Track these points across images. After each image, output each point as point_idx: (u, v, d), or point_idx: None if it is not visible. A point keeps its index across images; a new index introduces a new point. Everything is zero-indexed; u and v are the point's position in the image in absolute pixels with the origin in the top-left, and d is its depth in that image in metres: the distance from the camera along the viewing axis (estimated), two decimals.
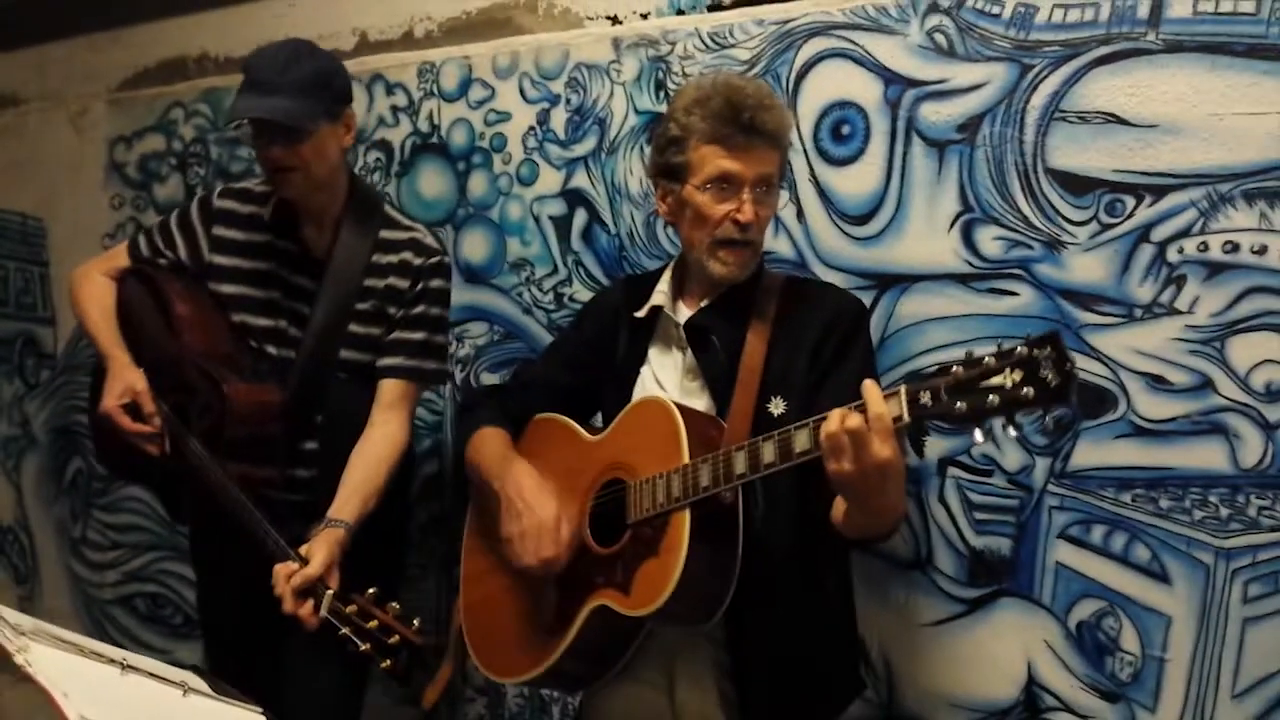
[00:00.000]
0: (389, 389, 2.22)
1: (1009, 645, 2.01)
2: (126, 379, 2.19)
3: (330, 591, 1.93)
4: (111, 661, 1.42)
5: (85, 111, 3.62)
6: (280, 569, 1.95)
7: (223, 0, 3.28)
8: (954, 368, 1.41)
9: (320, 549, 1.98)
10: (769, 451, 1.62)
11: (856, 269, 2.14)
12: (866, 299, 2.04)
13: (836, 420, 1.49)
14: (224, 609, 2.40)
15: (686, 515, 1.71)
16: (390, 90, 2.84)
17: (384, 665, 1.88)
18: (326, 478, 2.15)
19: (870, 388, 1.49)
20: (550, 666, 1.89)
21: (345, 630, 1.89)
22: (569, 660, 1.88)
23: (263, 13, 3.19)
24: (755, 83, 1.88)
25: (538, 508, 1.86)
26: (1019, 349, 1.36)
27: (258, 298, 2.26)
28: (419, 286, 2.23)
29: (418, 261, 2.23)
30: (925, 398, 1.43)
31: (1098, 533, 1.92)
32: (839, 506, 1.68)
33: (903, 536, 2.09)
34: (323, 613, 1.91)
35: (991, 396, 1.36)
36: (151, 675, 1.45)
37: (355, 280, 2.21)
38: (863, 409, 1.48)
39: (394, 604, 1.92)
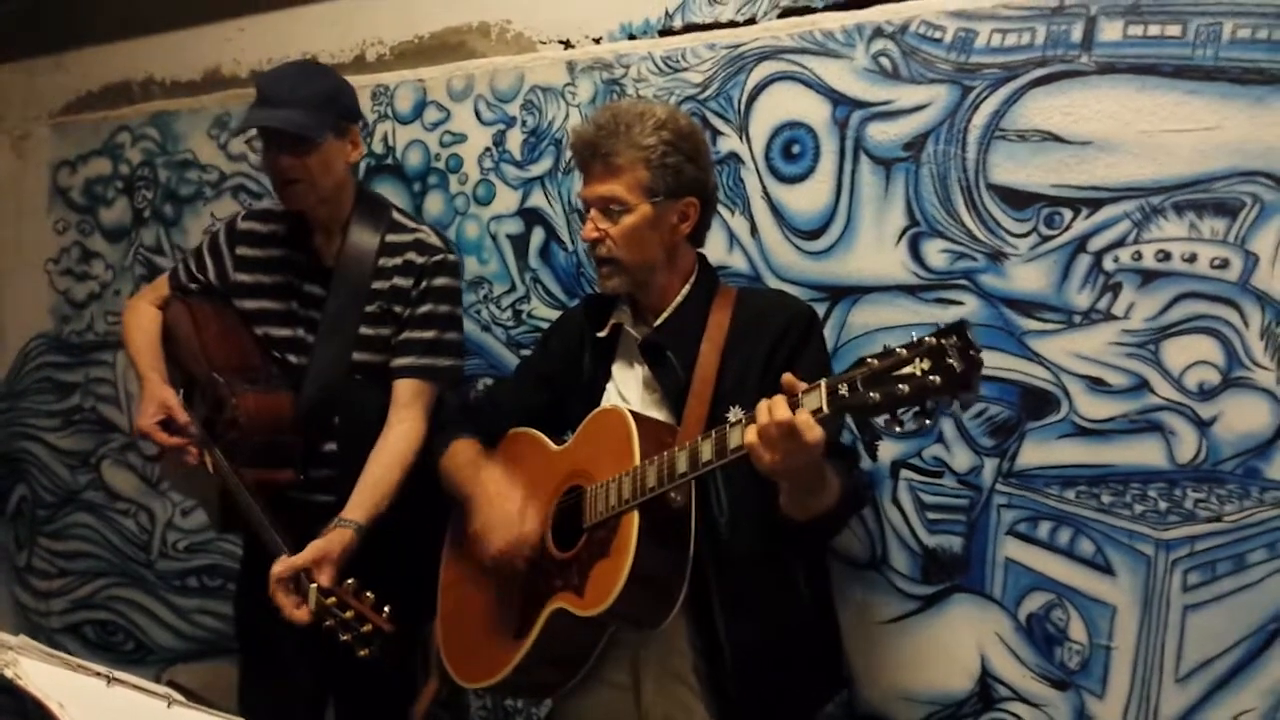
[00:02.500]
0: (403, 389, 2.25)
1: (962, 639, 2.08)
2: (158, 397, 2.27)
3: (314, 586, 1.98)
4: (97, 674, 1.44)
5: (27, 136, 3.60)
6: (276, 565, 2.02)
7: (169, 25, 3.29)
8: (869, 360, 1.46)
9: (316, 543, 2.04)
10: (707, 450, 1.68)
11: (809, 282, 2.22)
12: (819, 310, 2.10)
13: (764, 413, 1.55)
14: (263, 622, 2.36)
15: (635, 516, 1.76)
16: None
17: (362, 654, 1.93)
18: (347, 477, 2.19)
19: (791, 384, 1.56)
20: (513, 671, 1.93)
21: (330, 622, 1.95)
22: (531, 665, 1.92)
23: (210, 37, 3.21)
24: (616, 110, 1.92)
25: (502, 501, 1.92)
26: (927, 339, 1.41)
27: (277, 310, 2.32)
28: (423, 285, 2.26)
29: (421, 260, 2.27)
30: (843, 389, 1.48)
31: (1044, 528, 2.00)
32: (781, 494, 1.72)
33: (858, 537, 2.16)
34: (311, 607, 1.97)
35: (901, 385, 1.41)
36: (136, 688, 1.47)
37: (362, 284, 2.26)
38: (795, 404, 1.54)
39: (369, 594, 1.97)
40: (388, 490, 2.16)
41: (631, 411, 1.87)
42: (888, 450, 2.14)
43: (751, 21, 2.31)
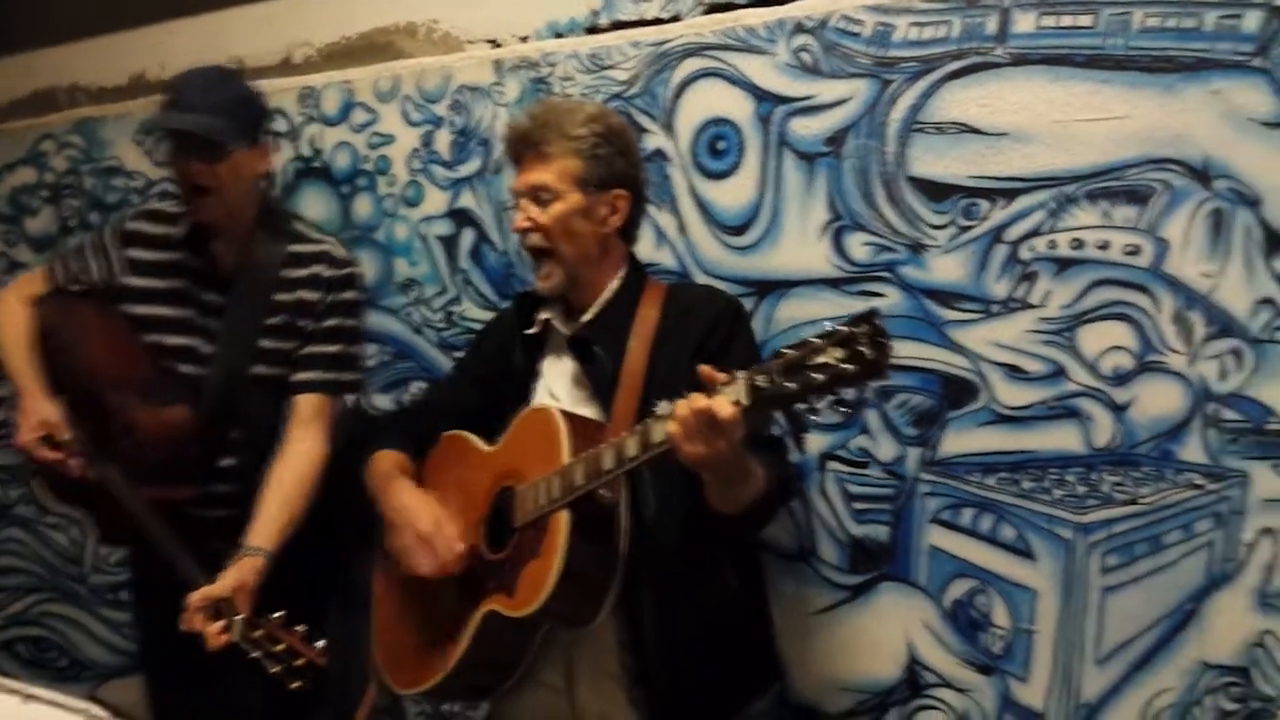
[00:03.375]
0: (304, 404, 2.21)
1: (890, 627, 2.10)
2: (40, 412, 2.17)
3: (240, 617, 1.94)
4: (12, 692, 1.42)
5: None
6: (193, 595, 1.97)
7: (94, 30, 3.25)
8: (784, 351, 1.48)
9: (231, 572, 2.00)
10: (632, 445, 1.67)
11: (736, 277, 2.23)
12: (746, 305, 2.11)
13: (685, 405, 1.56)
14: (164, 638, 2.28)
15: (565, 515, 1.76)
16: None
17: (294, 686, 1.90)
18: (247, 493, 2.14)
19: (709, 374, 1.56)
20: (449, 675, 1.91)
21: (256, 654, 1.92)
22: (466, 668, 1.90)
23: (139, 42, 3.17)
24: (550, 104, 1.99)
25: (416, 520, 1.91)
26: (839, 328, 1.43)
27: (171, 317, 2.25)
28: (330, 299, 2.23)
29: (328, 274, 2.24)
30: (761, 380, 1.49)
31: (967, 515, 2.03)
32: (706, 487, 1.72)
33: (787, 530, 2.18)
34: (234, 637, 1.93)
35: (816, 374, 1.43)
36: (52, 704, 1.45)
37: (265, 295, 2.21)
38: (710, 393, 1.55)
39: (300, 626, 1.94)
40: (293, 515, 2.12)
41: (560, 409, 1.87)
42: (815, 442, 2.15)
43: (676, 19, 2.32)
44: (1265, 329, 1.79)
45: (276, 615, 1.95)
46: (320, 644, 1.93)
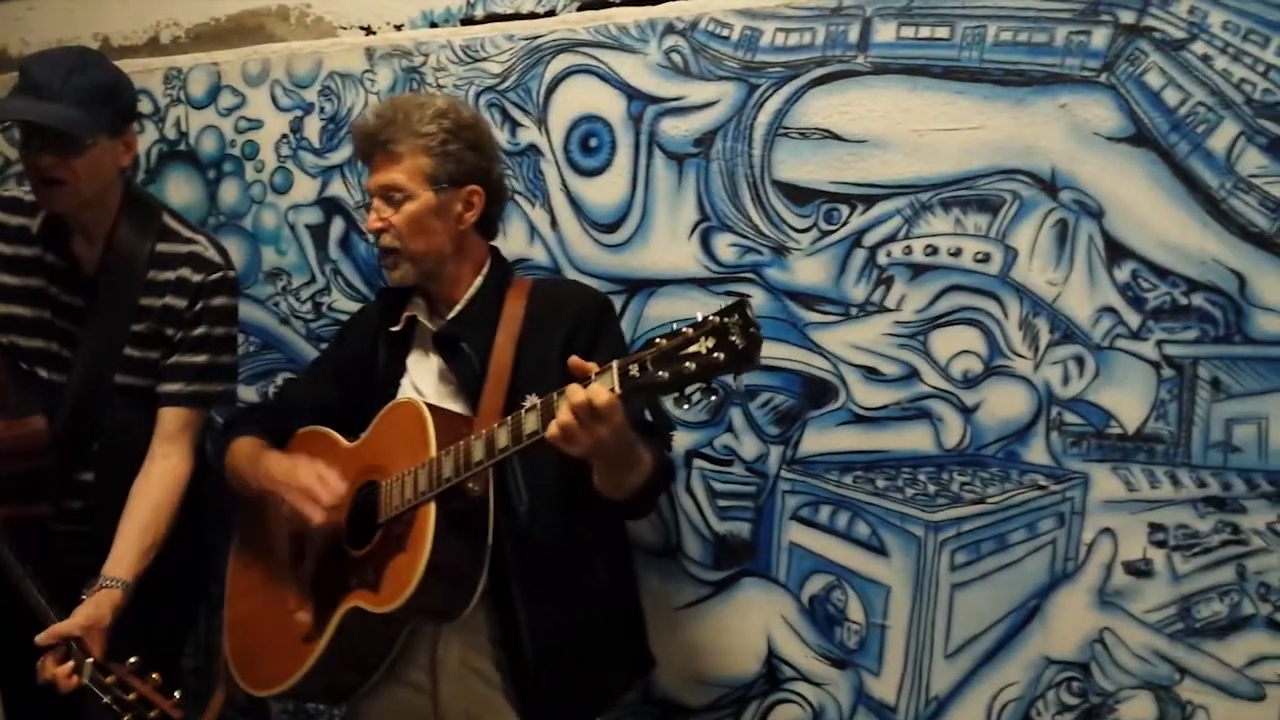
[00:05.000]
0: (170, 418, 2.10)
1: (751, 623, 2.14)
2: None
3: (90, 660, 1.87)
4: None
5: None
6: (41, 634, 1.89)
7: None
8: (657, 340, 1.50)
9: (86, 608, 1.92)
10: (503, 436, 1.67)
11: (607, 275, 2.24)
12: (617, 303, 2.13)
13: (564, 409, 1.56)
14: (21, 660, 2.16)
15: (432, 508, 1.75)
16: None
17: None
18: (106, 508, 2.05)
19: (579, 365, 1.57)
20: (307, 674, 1.88)
21: (106, 699, 1.85)
22: (327, 667, 1.88)
23: None
24: (396, 101, 1.96)
25: (294, 478, 1.87)
26: (710, 318, 1.46)
27: (26, 317, 2.11)
28: (198, 306, 2.10)
29: (197, 278, 2.10)
30: (634, 369, 1.51)
31: (825, 513, 2.07)
32: (596, 474, 1.73)
33: (654, 526, 2.20)
34: (84, 680, 1.86)
35: (688, 363, 1.45)
36: None
37: (129, 299, 2.08)
38: (584, 384, 1.55)
39: (155, 675, 1.87)
40: (154, 541, 2.02)
41: (426, 403, 1.86)
42: (681, 440, 2.17)
43: (551, 13, 2.31)
44: (1106, 336, 1.86)
45: (131, 661, 1.87)
46: (177, 694, 1.86)
